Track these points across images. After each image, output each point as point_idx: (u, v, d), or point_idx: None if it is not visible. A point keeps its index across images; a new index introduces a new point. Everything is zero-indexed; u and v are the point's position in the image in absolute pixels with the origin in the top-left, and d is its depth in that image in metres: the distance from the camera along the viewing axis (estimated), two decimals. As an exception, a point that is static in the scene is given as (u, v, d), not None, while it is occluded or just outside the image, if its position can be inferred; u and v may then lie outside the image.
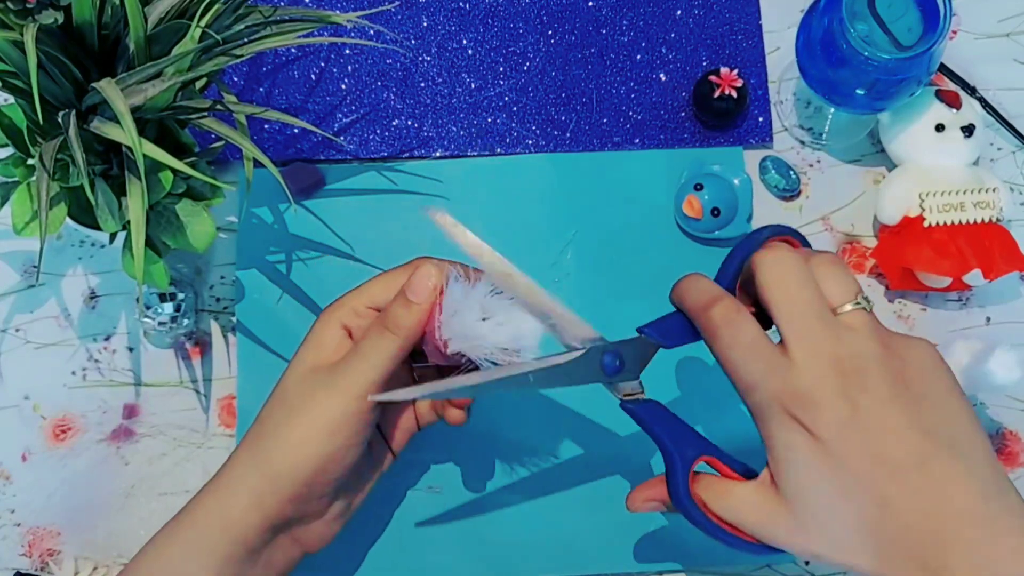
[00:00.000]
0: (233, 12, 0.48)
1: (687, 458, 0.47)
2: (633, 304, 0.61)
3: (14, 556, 0.59)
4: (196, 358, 0.62)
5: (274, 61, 0.66)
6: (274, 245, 0.62)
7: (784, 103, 0.66)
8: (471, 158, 0.65)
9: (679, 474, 0.47)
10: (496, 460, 0.60)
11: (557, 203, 0.63)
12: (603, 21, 0.67)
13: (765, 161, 0.64)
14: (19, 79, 0.46)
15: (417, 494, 0.59)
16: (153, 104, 0.46)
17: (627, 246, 0.63)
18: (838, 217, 0.64)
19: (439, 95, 0.65)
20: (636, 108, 0.65)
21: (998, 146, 0.65)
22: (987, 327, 0.63)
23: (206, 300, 0.62)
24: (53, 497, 0.59)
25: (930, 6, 0.55)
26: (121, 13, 0.46)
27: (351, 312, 0.50)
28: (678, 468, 0.47)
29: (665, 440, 0.48)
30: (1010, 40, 0.67)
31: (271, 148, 0.64)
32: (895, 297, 0.63)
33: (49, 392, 0.61)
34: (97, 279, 0.63)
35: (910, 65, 0.55)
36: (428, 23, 0.66)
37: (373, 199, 0.63)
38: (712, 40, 0.66)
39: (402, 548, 0.59)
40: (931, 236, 0.59)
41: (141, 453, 0.60)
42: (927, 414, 0.43)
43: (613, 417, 0.60)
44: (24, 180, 0.52)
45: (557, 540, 0.59)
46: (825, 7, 0.56)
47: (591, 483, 0.59)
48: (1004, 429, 0.61)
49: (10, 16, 0.42)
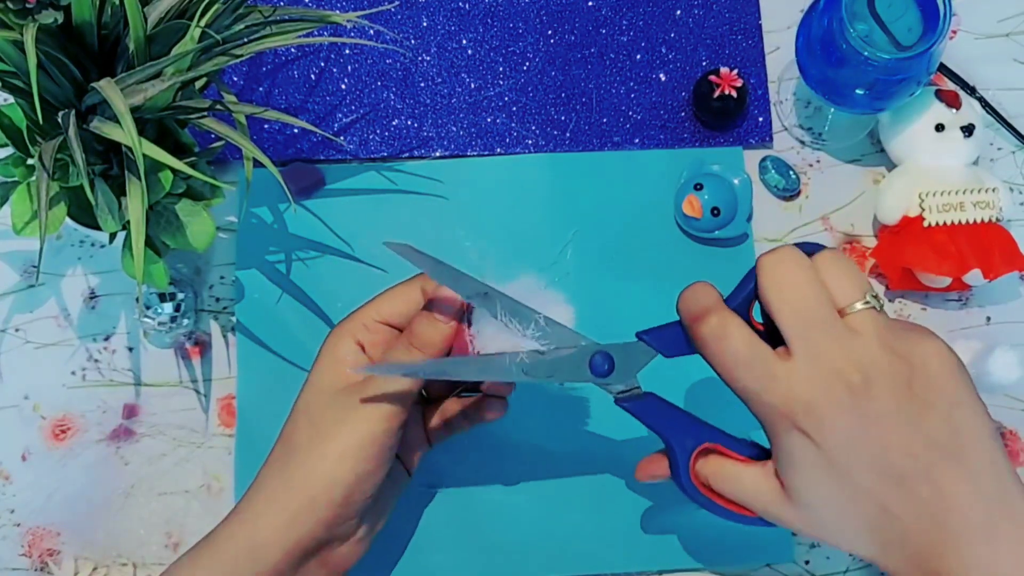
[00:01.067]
0: (233, 12, 0.48)
1: (687, 449, 0.48)
2: (633, 304, 0.61)
3: (14, 556, 0.59)
4: (196, 358, 0.62)
5: (274, 61, 0.66)
6: (274, 245, 0.62)
7: (784, 103, 0.66)
8: (471, 158, 0.65)
9: (680, 465, 0.48)
10: (496, 460, 0.60)
11: (557, 203, 0.63)
12: (603, 21, 0.67)
13: (765, 161, 0.64)
14: (19, 79, 0.46)
15: (417, 494, 0.59)
16: (153, 104, 0.46)
17: (627, 246, 0.63)
18: (838, 217, 0.64)
19: (439, 95, 0.65)
20: (636, 108, 0.65)
21: (998, 146, 0.65)
22: (987, 327, 0.63)
23: (206, 300, 0.62)
24: (53, 497, 0.59)
25: (930, 6, 0.55)
26: (121, 13, 0.46)
27: (362, 328, 0.50)
28: (679, 460, 0.48)
29: (664, 433, 0.48)
30: (1010, 40, 0.67)
31: (271, 148, 0.64)
32: (895, 297, 0.63)
33: (49, 392, 0.61)
34: (97, 279, 0.63)
35: (910, 65, 0.55)
36: (428, 23, 0.66)
37: (373, 199, 0.63)
38: (712, 40, 0.66)
39: (401, 547, 0.58)
40: (931, 236, 0.59)
41: (141, 453, 0.60)
42: (933, 423, 0.42)
43: (613, 417, 0.59)
44: (24, 180, 0.52)
45: (557, 540, 0.59)
46: (825, 7, 0.56)
47: (591, 483, 0.59)
48: (1004, 429, 0.61)
49: (10, 16, 0.42)
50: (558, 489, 0.59)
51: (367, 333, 0.50)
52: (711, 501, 0.48)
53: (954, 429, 0.42)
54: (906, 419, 0.42)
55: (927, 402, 0.42)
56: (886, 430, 0.42)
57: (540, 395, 0.60)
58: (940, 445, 0.42)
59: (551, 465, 0.59)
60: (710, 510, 0.48)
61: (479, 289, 0.48)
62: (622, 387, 0.49)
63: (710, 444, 0.48)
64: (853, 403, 0.42)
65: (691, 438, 0.48)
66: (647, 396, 0.49)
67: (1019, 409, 0.61)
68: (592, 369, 0.48)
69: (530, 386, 0.60)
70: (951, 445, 0.42)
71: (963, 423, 0.42)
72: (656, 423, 0.48)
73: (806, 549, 0.59)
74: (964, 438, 0.42)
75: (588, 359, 0.48)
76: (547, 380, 0.48)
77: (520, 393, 0.60)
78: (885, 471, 0.42)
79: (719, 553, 0.58)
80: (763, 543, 0.59)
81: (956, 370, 0.43)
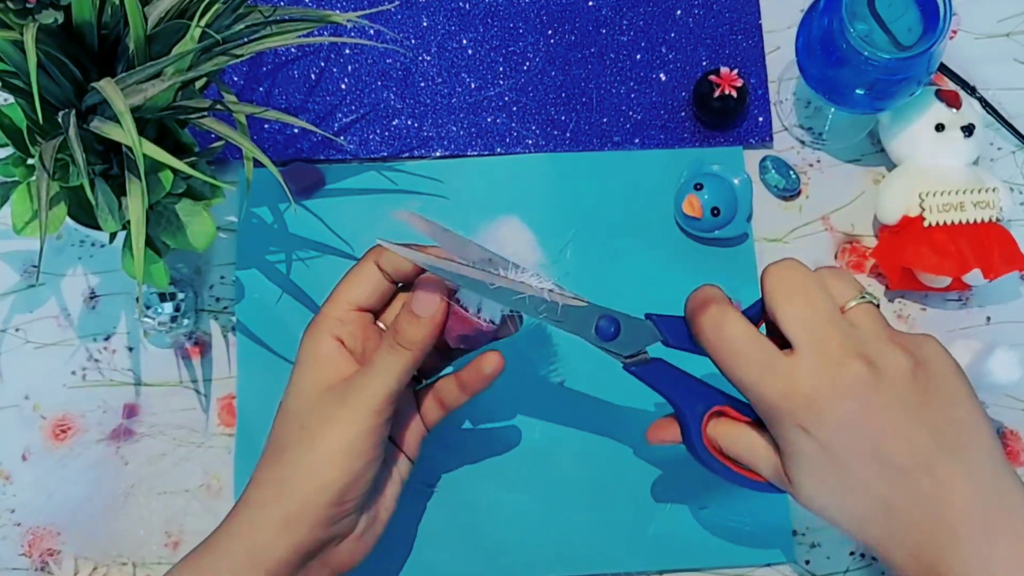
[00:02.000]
0: (233, 12, 0.48)
1: (697, 413, 0.48)
2: (633, 303, 0.61)
3: (14, 556, 0.59)
4: (196, 358, 0.62)
5: (274, 61, 0.66)
6: (274, 245, 0.62)
7: (784, 103, 0.66)
8: (471, 158, 0.65)
9: (692, 430, 0.48)
10: (494, 459, 0.60)
11: (557, 203, 0.63)
12: (603, 21, 0.67)
13: (765, 161, 0.64)
14: (19, 79, 0.46)
15: (416, 493, 0.59)
16: (153, 104, 0.46)
17: (627, 246, 0.63)
18: (838, 217, 0.64)
19: (439, 95, 0.65)
20: (636, 108, 0.65)
21: (998, 146, 0.65)
22: (987, 327, 0.63)
23: (206, 300, 0.62)
24: (53, 497, 0.59)
25: (930, 6, 0.55)
26: (121, 13, 0.46)
27: (336, 322, 0.50)
28: (690, 424, 0.48)
29: (674, 398, 0.48)
30: (1010, 40, 0.67)
31: (271, 148, 0.64)
32: (895, 297, 0.63)
33: (49, 392, 0.61)
34: (97, 279, 0.63)
35: (910, 65, 0.55)
36: (428, 23, 0.66)
37: (373, 199, 0.63)
38: (712, 40, 0.66)
39: (401, 547, 0.58)
40: (931, 236, 0.59)
41: (141, 453, 0.60)
42: (935, 415, 0.43)
43: (613, 417, 0.60)
44: (24, 180, 0.52)
45: (557, 540, 0.59)
46: (825, 7, 0.56)
47: (591, 483, 0.59)
48: (1004, 429, 0.61)
49: (10, 16, 0.42)
50: (558, 489, 0.59)
51: (342, 326, 0.50)
52: (724, 466, 0.48)
53: (955, 424, 0.43)
54: (909, 410, 0.43)
55: (929, 395, 0.43)
56: (889, 420, 0.43)
57: (540, 395, 0.60)
58: (942, 438, 0.42)
59: (551, 465, 0.59)
60: (722, 475, 0.48)
61: (484, 255, 0.48)
62: (630, 352, 0.49)
63: (720, 408, 0.48)
64: (858, 392, 0.43)
65: (702, 402, 0.48)
66: (655, 361, 0.49)
67: (1019, 409, 0.61)
68: (599, 332, 0.48)
69: (530, 387, 0.60)
70: (952, 439, 0.43)
71: (964, 419, 0.43)
72: (666, 387, 0.48)
73: (806, 549, 0.59)
74: (965, 434, 0.43)
75: (595, 322, 0.48)
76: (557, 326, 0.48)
77: (520, 393, 0.60)
78: (886, 463, 0.42)
79: (719, 553, 0.58)
80: (763, 543, 0.59)
81: (956, 369, 0.45)
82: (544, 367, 0.61)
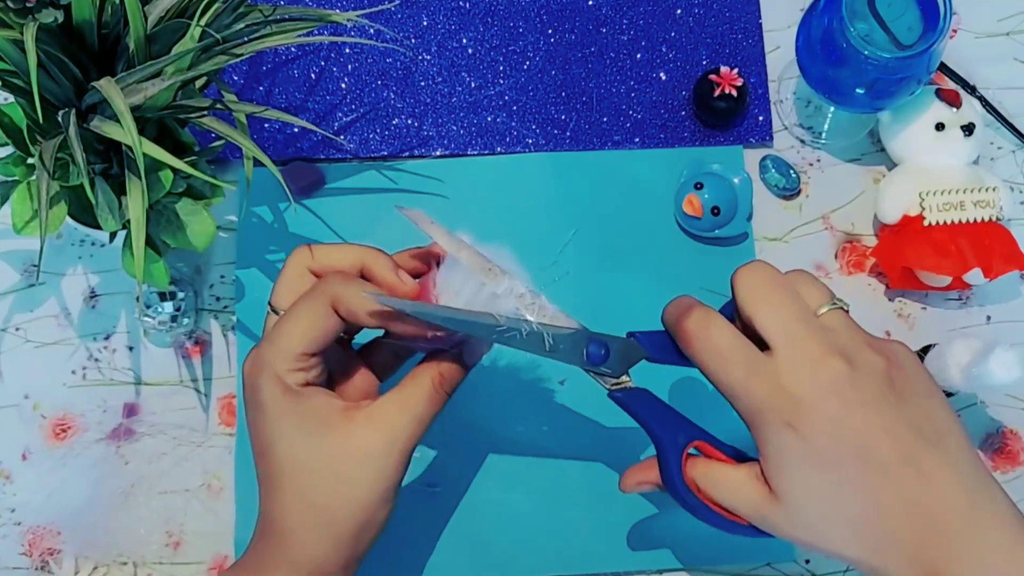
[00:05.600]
0: (233, 11, 0.48)
1: (678, 445, 0.48)
2: (633, 303, 0.61)
3: (14, 555, 0.59)
4: (196, 357, 0.62)
5: (274, 60, 0.66)
6: (274, 244, 0.62)
7: (784, 102, 0.66)
8: (471, 157, 0.65)
9: (672, 462, 0.48)
10: (495, 459, 0.60)
11: (557, 202, 0.63)
12: (603, 20, 0.67)
13: (765, 160, 0.64)
14: (19, 78, 0.46)
15: (415, 493, 0.59)
16: (153, 103, 0.46)
17: (627, 245, 0.63)
18: (838, 216, 0.64)
19: (439, 94, 0.65)
20: (636, 107, 0.65)
21: (998, 145, 0.65)
22: (987, 326, 0.63)
23: (206, 299, 0.62)
24: (53, 496, 0.59)
25: (930, 5, 0.55)
26: (121, 12, 0.46)
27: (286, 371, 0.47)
28: (670, 455, 0.47)
29: (655, 428, 0.48)
30: (1010, 39, 0.67)
31: (271, 147, 0.64)
32: (895, 296, 0.63)
33: (49, 391, 0.61)
34: (97, 278, 0.63)
35: (910, 64, 0.55)
36: (428, 22, 0.66)
37: (373, 198, 0.63)
38: (712, 39, 0.66)
39: (400, 547, 0.58)
40: (931, 235, 0.59)
41: (141, 452, 0.60)
42: (912, 411, 0.44)
43: (613, 417, 0.60)
44: (24, 179, 0.52)
45: (557, 540, 0.59)
46: (825, 6, 0.56)
47: (590, 482, 0.59)
48: (1004, 428, 0.61)
49: (10, 15, 0.42)
50: (557, 488, 0.59)
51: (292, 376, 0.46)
52: (703, 504, 0.47)
53: (932, 419, 0.44)
54: (888, 405, 0.43)
55: (905, 391, 0.44)
56: (870, 415, 0.43)
57: (540, 395, 0.60)
58: (921, 433, 0.43)
59: (550, 464, 0.59)
60: (701, 516, 0.47)
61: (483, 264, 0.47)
62: (615, 380, 0.49)
63: (699, 443, 0.48)
64: (839, 389, 0.43)
65: (682, 434, 0.48)
66: (639, 390, 0.49)
67: (1019, 408, 0.61)
68: (589, 358, 0.48)
69: (530, 387, 0.61)
70: (930, 432, 0.43)
71: (939, 415, 0.44)
72: (647, 416, 0.48)
73: (806, 548, 0.59)
74: (940, 426, 0.44)
75: (584, 346, 0.48)
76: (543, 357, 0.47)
77: (520, 393, 0.60)
78: (870, 459, 0.43)
79: (719, 553, 0.58)
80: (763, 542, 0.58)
81: (923, 368, 0.46)
82: (544, 367, 0.61)
